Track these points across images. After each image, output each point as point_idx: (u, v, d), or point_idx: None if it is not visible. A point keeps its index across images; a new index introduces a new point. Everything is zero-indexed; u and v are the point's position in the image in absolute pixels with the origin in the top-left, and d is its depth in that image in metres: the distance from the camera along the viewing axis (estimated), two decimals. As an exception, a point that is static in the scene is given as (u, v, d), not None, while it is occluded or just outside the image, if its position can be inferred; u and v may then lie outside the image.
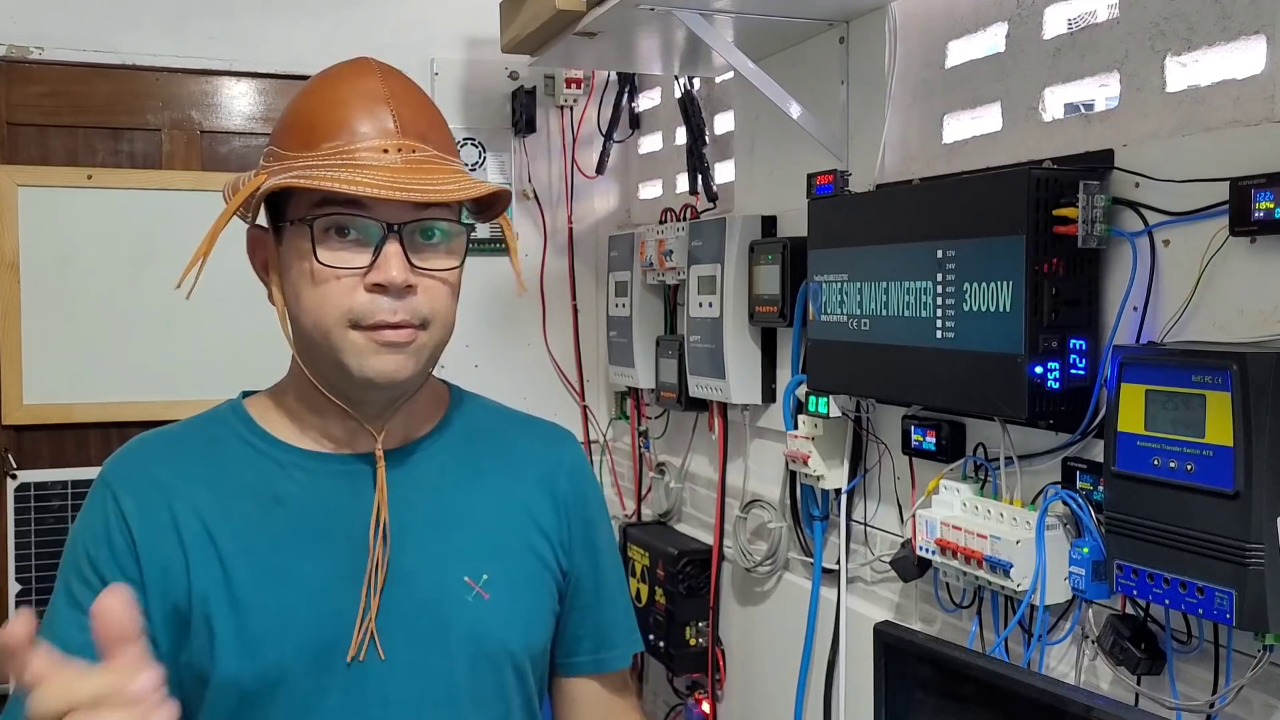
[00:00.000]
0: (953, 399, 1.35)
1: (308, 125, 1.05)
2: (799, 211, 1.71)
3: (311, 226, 1.02)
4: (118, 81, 2.42)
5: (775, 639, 1.94)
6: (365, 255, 1.02)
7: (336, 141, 1.02)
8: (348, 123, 1.03)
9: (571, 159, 2.66)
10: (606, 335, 2.51)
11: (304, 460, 1.10)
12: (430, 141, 1.05)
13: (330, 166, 1.01)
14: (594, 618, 1.24)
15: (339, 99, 1.05)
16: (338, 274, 1.02)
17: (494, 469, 1.18)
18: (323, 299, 1.02)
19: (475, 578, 1.11)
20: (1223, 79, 1.16)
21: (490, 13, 2.12)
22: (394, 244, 1.01)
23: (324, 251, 1.02)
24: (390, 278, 1.01)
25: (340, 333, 1.03)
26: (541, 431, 1.27)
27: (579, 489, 1.23)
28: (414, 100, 1.08)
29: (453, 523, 1.13)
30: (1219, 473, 1.01)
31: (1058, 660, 1.33)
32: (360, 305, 1.02)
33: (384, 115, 1.03)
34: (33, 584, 2.29)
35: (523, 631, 1.15)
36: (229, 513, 1.07)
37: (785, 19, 1.72)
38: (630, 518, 2.52)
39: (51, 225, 2.34)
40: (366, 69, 1.08)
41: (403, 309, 1.02)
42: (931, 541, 1.38)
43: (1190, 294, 1.15)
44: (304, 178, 1.00)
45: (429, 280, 1.04)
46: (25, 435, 2.35)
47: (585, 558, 1.22)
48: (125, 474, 1.09)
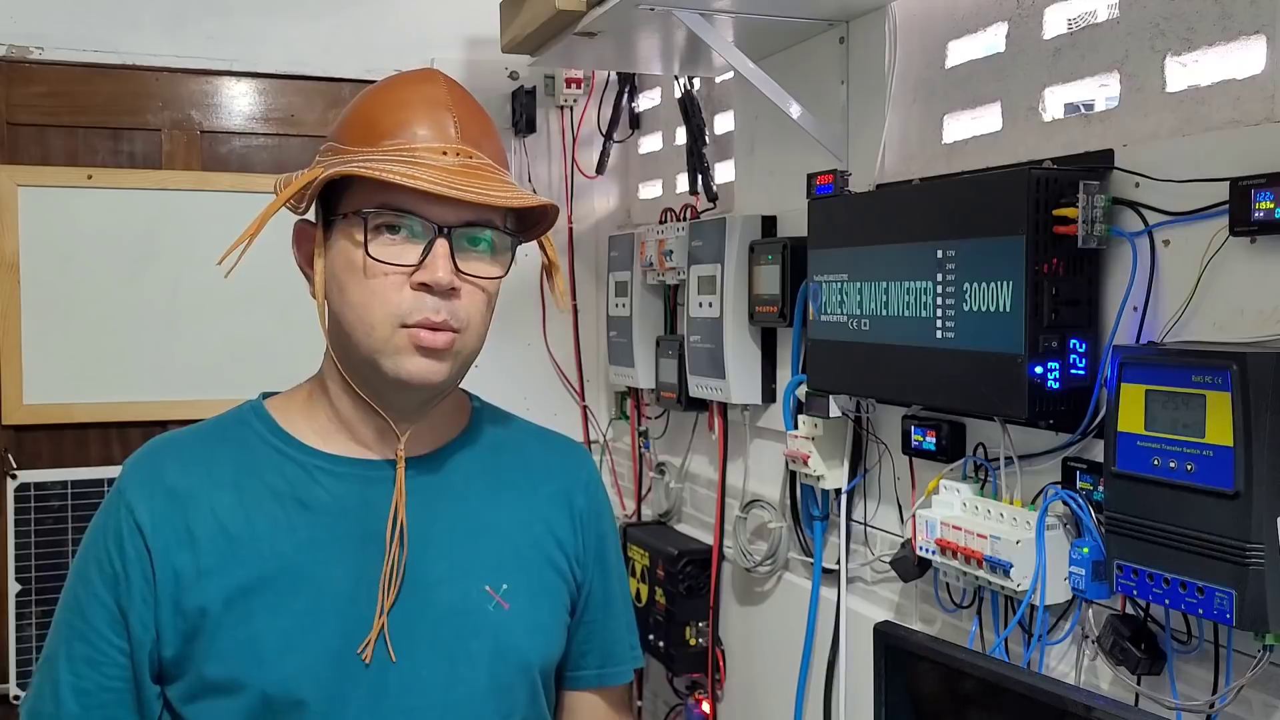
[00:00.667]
0: (953, 399, 1.35)
1: (370, 122, 1.07)
2: (799, 211, 1.71)
3: (366, 219, 1.03)
4: (118, 81, 2.42)
5: (775, 639, 1.93)
6: (414, 254, 1.03)
7: (397, 139, 1.05)
8: (410, 123, 1.06)
9: (571, 159, 2.66)
10: (606, 335, 2.51)
11: (330, 464, 1.10)
12: (485, 150, 1.08)
13: (391, 161, 1.03)
14: (601, 632, 1.25)
15: (403, 100, 1.08)
16: (385, 270, 1.03)
17: (515, 481, 1.19)
18: (370, 294, 1.04)
19: (495, 587, 1.12)
20: (1223, 79, 1.16)
21: (490, 13, 2.11)
22: (443, 245, 1.03)
23: (375, 246, 1.03)
24: (436, 278, 1.02)
25: (386, 330, 1.04)
26: (560, 446, 1.29)
27: (595, 505, 1.25)
28: (473, 110, 1.11)
29: (476, 532, 1.14)
30: (1219, 473, 1.01)
31: (1058, 660, 1.33)
32: (405, 303, 1.03)
33: (445, 120, 1.06)
34: (32, 584, 2.29)
35: (541, 642, 1.16)
36: (254, 517, 1.07)
37: (785, 19, 1.72)
38: (630, 518, 2.52)
39: (51, 225, 2.34)
40: (432, 76, 1.11)
41: (445, 309, 1.04)
42: (931, 541, 1.38)
43: (1190, 294, 1.15)
44: (365, 168, 1.02)
45: (470, 286, 1.06)
46: (25, 435, 2.35)
47: (597, 572, 1.24)
48: (139, 480, 1.09)
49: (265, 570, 1.05)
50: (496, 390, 1.40)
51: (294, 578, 1.05)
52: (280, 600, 1.04)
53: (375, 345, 1.04)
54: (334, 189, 1.07)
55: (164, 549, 1.05)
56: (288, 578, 1.05)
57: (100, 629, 1.04)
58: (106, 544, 1.06)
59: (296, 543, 1.06)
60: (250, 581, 1.04)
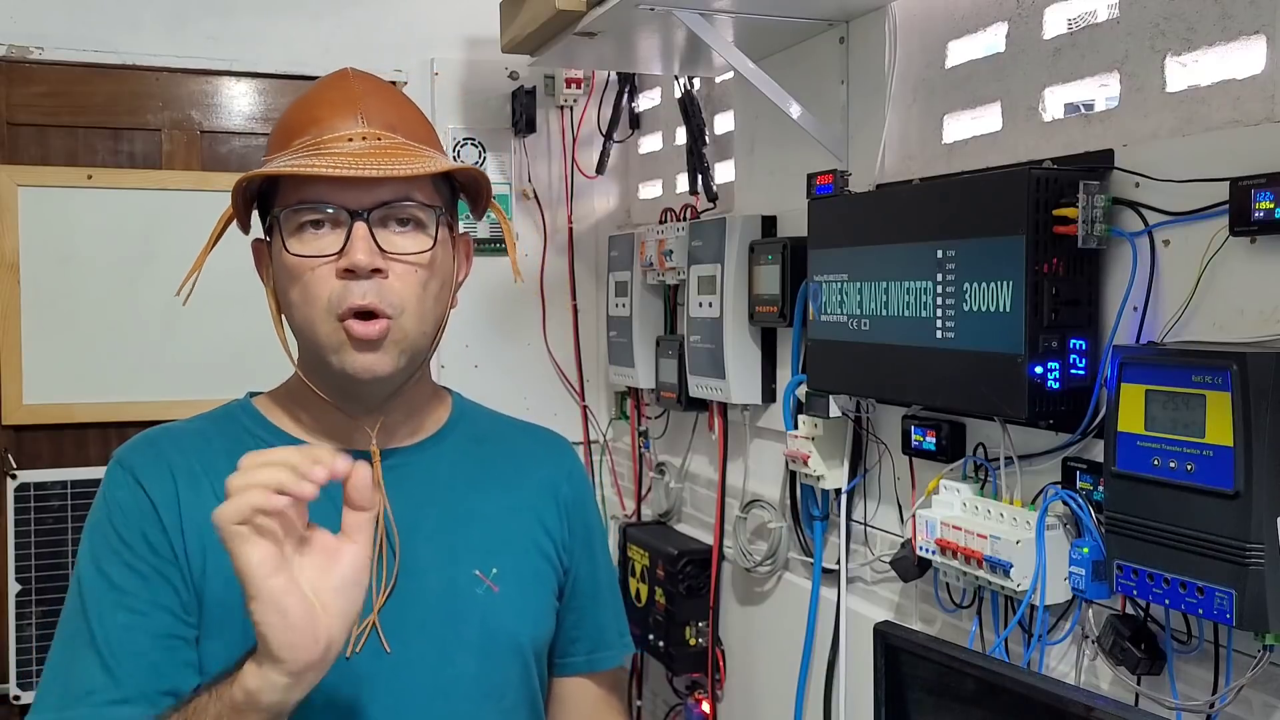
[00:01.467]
0: (953, 399, 1.35)
1: (284, 127, 1.10)
2: (799, 211, 1.71)
3: (279, 220, 1.05)
4: (118, 81, 2.42)
5: (775, 639, 1.93)
6: (337, 243, 1.04)
7: (305, 137, 1.06)
8: (317, 119, 1.07)
9: (571, 159, 2.66)
10: (606, 335, 2.51)
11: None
12: (401, 131, 1.08)
13: (297, 157, 1.04)
14: (590, 619, 1.27)
15: (311, 100, 1.10)
16: (310, 264, 1.04)
17: (500, 471, 1.21)
18: (302, 290, 1.05)
19: (485, 571, 1.13)
20: (1223, 79, 1.16)
21: (490, 13, 2.12)
22: (361, 228, 1.03)
23: (295, 243, 1.05)
24: (355, 260, 1.02)
25: (325, 326, 1.05)
26: (543, 438, 1.31)
27: (579, 494, 1.27)
28: (385, 96, 1.12)
29: (463, 519, 1.15)
30: (1219, 473, 1.01)
31: (1058, 660, 1.33)
32: (335, 292, 1.03)
33: (351, 109, 1.07)
34: (32, 584, 2.29)
35: (531, 624, 1.18)
36: None
37: (785, 19, 1.72)
38: (630, 518, 2.52)
39: (51, 225, 2.34)
40: (340, 74, 1.13)
41: (372, 292, 1.04)
42: (931, 541, 1.38)
43: (1190, 294, 1.15)
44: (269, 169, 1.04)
45: (400, 266, 1.06)
46: (25, 435, 2.35)
47: (584, 559, 1.26)
48: (144, 461, 1.09)
49: None
50: (496, 390, 1.41)
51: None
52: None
53: (320, 342, 1.05)
54: (269, 202, 1.09)
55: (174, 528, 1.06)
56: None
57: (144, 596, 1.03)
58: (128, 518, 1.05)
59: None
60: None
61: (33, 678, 2.28)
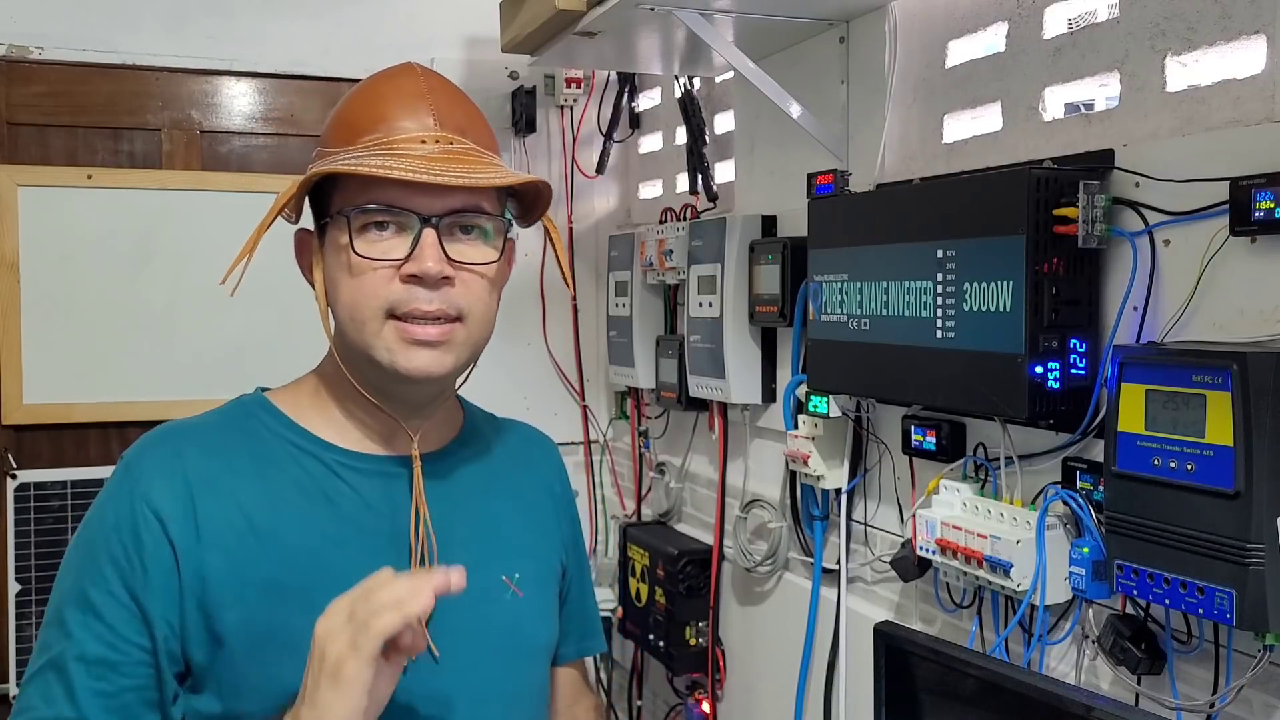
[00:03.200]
0: (953, 399, 1.35)
1: (349, 122, 1.07)
2: (799, 211, 1.71)
3: (349, 218, 1.03)
4: (118, 81, 2.42)
5: (775, 639, 1.93)
6: (402, 247, 1.02)
7: (375, 134, 1.04)
8: (386, 117, 1.05)
9: (571, 159, 2.66)
10: (606, 335, 2.51)
11: (352, 460, 1.10)
12: (469, 136, 1.07)
13: (369, 156, 1.02)
14: (579, 609, 1.30)
15: (379, 96, 1.07)
16: (374, 265, 1.02)
17: (508, 474, 1.22)
18: (358, 290, 1.03)
19: (510, 576, 1.14)
20: (1223, 79, 1.16)
21: (490, 13, 2.11)
22: (431, 234, 1.02)
23: (361, 243, 1.03)
24: (425, 268, 1.01)
25: (375, 324, 1.03)
26: (533, 437, 1.32)
27: (567, 490, 1.31)
28: (454, 96, 1.10)
29: (488, 524, 1.15)
30: (1219, 473, 1.01)
31: (1058, 660, 1.33)
32: (396, 295, 1.02)
33: (422, 110, 1.05)
34: (32, 584, 2.29)
35: (548, 626, 1.20)
36: (280, 509, 1.05)
37: (785, 19, 1.72)
38: (630, 518, 2.52)
39: (51, 225, 2.34)
40: (408, 69, 1.11)
41: (438, 299, 1.03)
42: (931, 541, 1.38)
43: (1190, 294, 1.15)
44: (342, 165, 1.01)
45: (467, 274, 1.05)
46: (25, 435, 2.35)
47: (573, 553, 1.28)
48: (155, 468, 1.03)
49: (295, 564, 1.03)
50: (496, 390, 1.41)
51: (324, 572, 1.02)
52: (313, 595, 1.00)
53: (366, 340, 1.03)
54: (327, 193, 1.06)
55: (187, 542, 1.00)
56: (318, 572, 1.03)
57: (119, 628, 0.99)
58: (121, 538, 1.00)
59: (324, 537, 1.05)
60: (280, 575, 1.02)
61: (33, 678, 2.28)
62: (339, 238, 1.04)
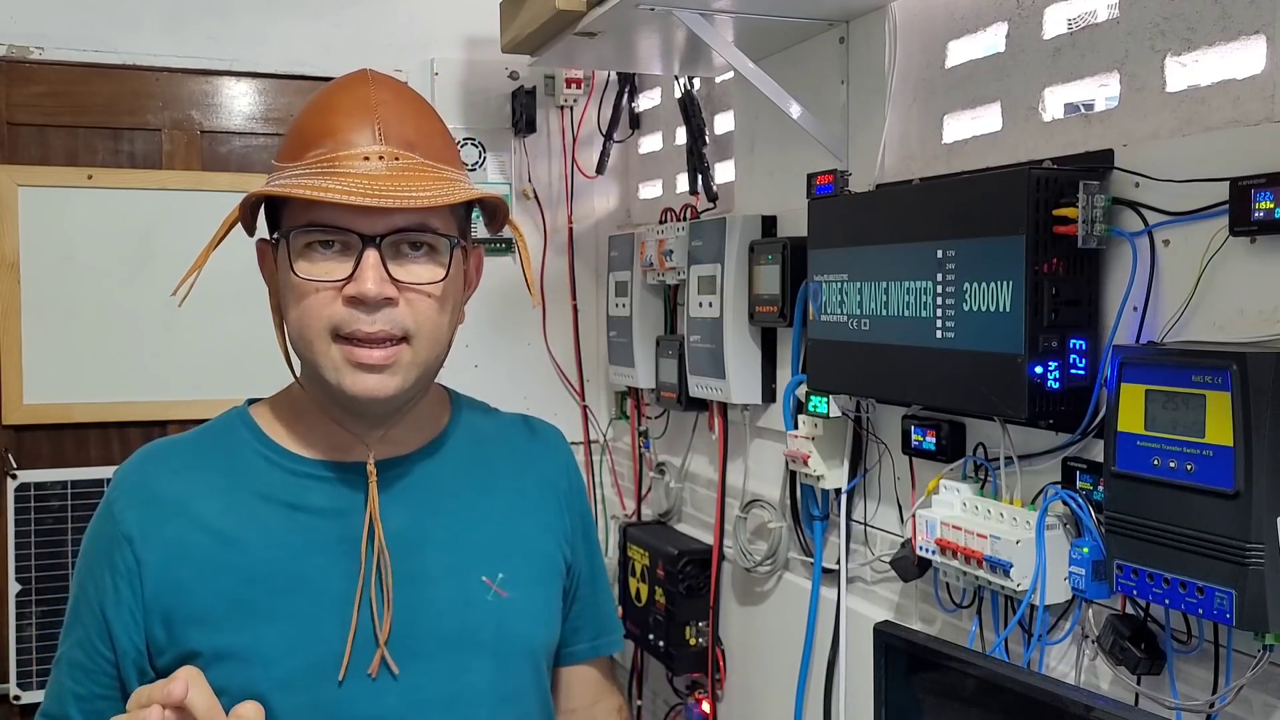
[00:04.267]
0: (953, 399, 1.35)
1: (297, 135, 1.05)
2: (799, 211, 1.71)
3: (288, 240, 1.02)
4: (118, 81, 2.42)
5: (775, 639, 1.94)
6: (345, 267, 1.01)
7: (320, 150, 1.02)
8: (332, 131, 1.02)
9: (571, 159, 2.66)
10: (606, 335, 2.51)
11: (316, 469, 1.10)
12: (419, 149, 1.03)
13: (311, 174, 1.00)
14: (591, 607, 1.28)
15: (328, 107, 1.05)
16: (316, 286, 1.01)
17: (503, 470, 1.20)
18: (303, 311, 1.02)
19: (492, 577, 1.12)
20: (1223, 79, 1.16)
21: (490, 13, 2.12)
22: (372, 255, 1.00)
23: (303, 264, 1.02)
24: (364, 290, 0.99)
25: (322, 345, 1.02)
26: (539, 431, 1.30)
27: (575, 485, 1.28)
28: (403, 108, 1.06)
29: (470, 525, 1.14)
30: (1219, 473, 1.01)
31: (1058, 660, 1.33)
32: (339, 316, 1.01)
33: (368, 123, 1.02)
34: (32, 584, 2.29)
35: (542, 627, 1.18)
36: (245, 522, 1.06)
37: (785, 19, 1.72)
38: (630, 518, 2.52)
39: (51, 225, 2.34)
40: (359, 78, 1.07)
41: (381, 320, 1.01)
42: (931, 541, 1.38)
43: (1190, 294, 1.15)
44: (282, 186, 1.00)
45: (412, 293, 1.02)
46: (25, 435, 2.35)
47: (583, 550, 1.26)
48: (127, 491, 1.08)
49: (260, 574, 1.04)
50: (496, 390, 1.40)
51: (289, 580, 1.04)
52: (278, 602, 1.04)
53: (315, 359, 1.04)
54: (277, 208, 1.07)
55: (154, 560, 1.04)
56: (284, 580, 1.04)
57: (91, 638, 1.05)
58: (97, 555, 1.06)
59: (290, 546, 1.06)
60: (246, 586, 1.04)
61: (33, 677, 2.28)
62: (287, 255, 1.03)
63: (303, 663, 1.03)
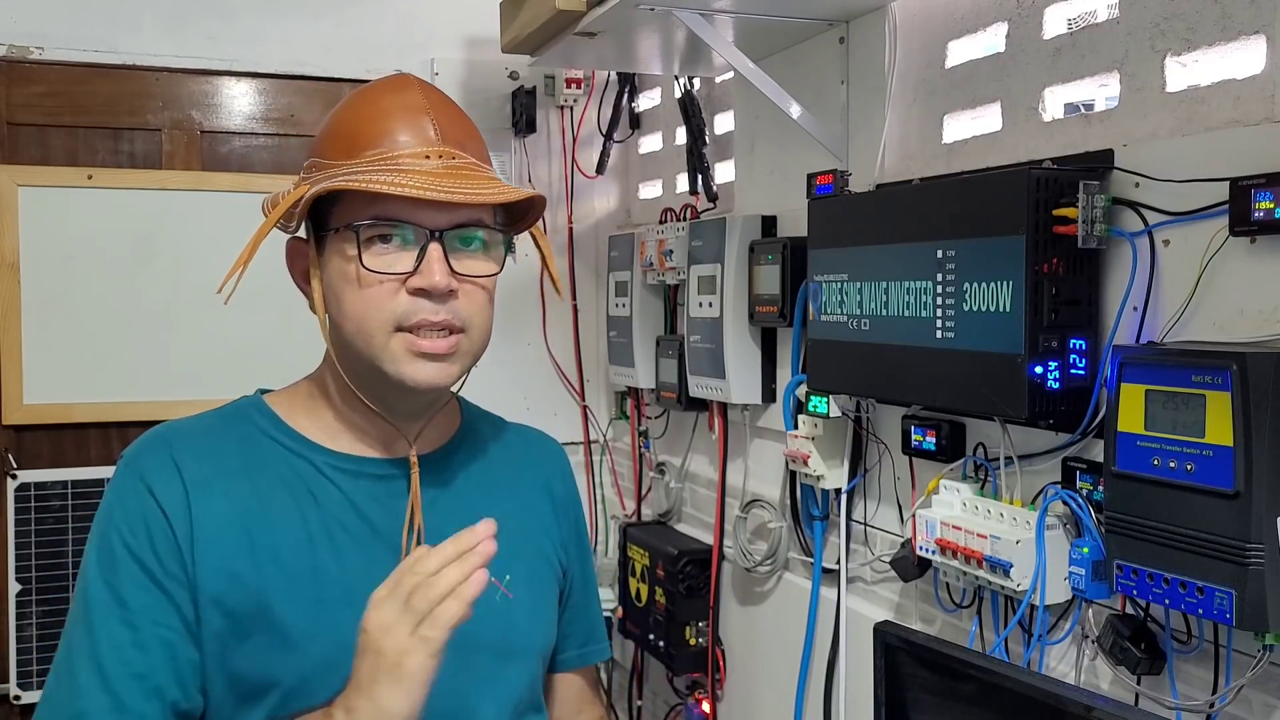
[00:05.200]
0: (953, 399, 1.35)
1: (350, 135, 1.08)
2: (799, 211, 1.71)
3: (358, 231, 1.04)
4: (118, 81, 2.42)
5: (775, 639, 1.94)
6: (407, 260, 1.04)
7: (379, 149, 1.05)
8: (390, 132, 1.06)
9: (571, 159, 2.66)
10: (606, 335, 2.51)
11: (341, 463, 1.11)
12: (469, 150, 1.09)
13: (374, 171, 1.03)
14: (582, 614, 1.30)
15: (381, 110, 1.08)
16: (380, 278, 1.04)
17: (504, 476, 1.23)
18: (366, 303, 1.05)
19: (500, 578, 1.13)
20: (1223, 79, 1.16)
21: (490, 13, 2.12)
22: (437, 249, 1.04)
23: (369, 257, 1.04)
24: (434, 282, 1.03)
25: (383, 337, 1.05)
26: (535, 438, 1.32)
27: (570, 492, 1.30)
28: (452, 111, 1.11)
29: None
30: (1219, 473, 1.01)
31: (1058, 660, 1.33)
32: (403, 308, 1.04)
33: (425, 124, 1.07)
34: (33, 584, 2.29)
35: (542, 630, 1.20)
36: (268, 507, 1.07)
37: (785, 19, 1.72)
38: (630, 518, 2.52)
39: (51, 225, 2.34)
40: (406, 83, 1.12)
41: (445, 311, 1.05)
42: (931, 541, 1.38)
43: (1190, 294, 1.15)
44: (352, 181, 1.02)
45: (469, 285, 1.07)
46: (25, 435, 2.35)
47: (577, 556, 1.28)
48: (155, 465, 1.07)
49: (282, 560, 1.05)
50: (496, 390, 1.41)
51: (311, 569, 1.06)
52: (299, 589, 1.05)
53: (374, 352, 1.05)
54: (322, 204, 1.08)
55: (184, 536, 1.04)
56: (305, 568, 1.06)
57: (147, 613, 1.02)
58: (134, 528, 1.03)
59: (311, 535, 1.07)
60: (268, 571, 1.04)
61: (33, 677, 2.28)
62: (345, 249, 1.05)
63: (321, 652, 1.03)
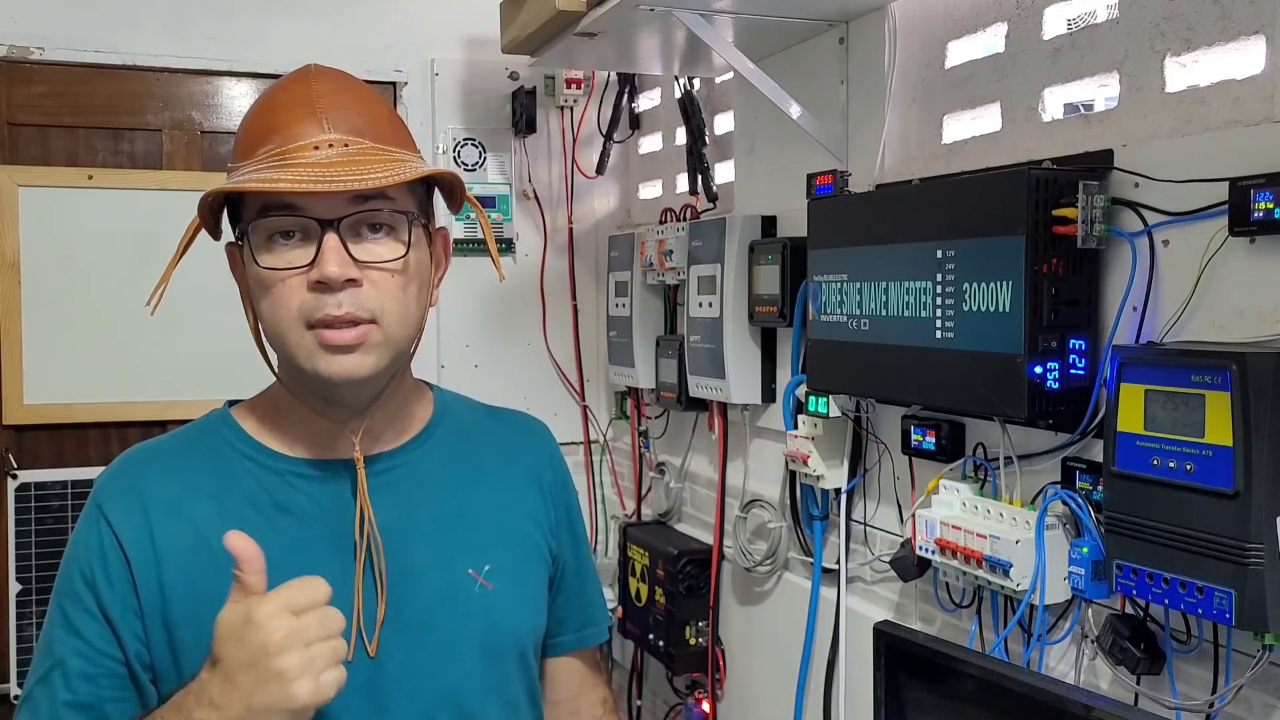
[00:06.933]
0: (953, 399, 1.35)
1: (246, 134, 1.07)
2: (799, 211, 1.71)
3: (248, 234, 1.04)
4: (118, 81, 2.42)
5: (775, 639, 1.94)
6: (308, 254, 1.02)
7: (269, 145, 1.03)
8: (278, 126, 1.04)
9: (572, 159, 2.66)
10: (606, 335, 2.51)
11: (300, 467, 1.11)
12: (367, 134, 1.05)
13: (262, 169, 1.02)
14: (578, 598, 1.28)
15: (271, 104, 1.07)
16: (281, 275, 1.02)
17: (487, 463, 1.21)
18: (273, 302, 1.03)
19: (478, 569, 1.13)
20: (1222, 79, 1.16)
21: (490, 13, 2.12)
22: (332, 239, 1.01)
23: (266, 256, 1.03)
24: (326, 273, 1.00)
25: (295, 334, 1.03)
26: (522, 424, 1.31)
27: (560, 477, 1.28)
28: (347, 97, 1.08)
29: (456, 518, 1.15)
30: (1219, 473, 1.01)
31: (1057, 660, 1.33)
32: (307, 304, 1.02)
33: (312, 113, 1.04)
34: (33, 584, 2.29)
35: (528, 618, 1.19)
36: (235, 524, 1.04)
37: (785, 19, 1.72)
38: (630, 518, 2.52)
39: (51, 225, 2.34)
40: (301, 74, 1.09)
41: (347, 302, 1.02)
42: (931, 541, 1.38)
43: (1190, 294, 1.15)
44: (235, 183, 1.02)
45: (375, 273, 1.04)
46: (25, 435, 2.35)
47: (568, 541, 1.27)
48: (116, 493, 1.08)
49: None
50: (497, 390, 1.41)
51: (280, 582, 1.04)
52: None
53: (290, 351, 1.04)
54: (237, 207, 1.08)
55: (145, 563, 1.04)
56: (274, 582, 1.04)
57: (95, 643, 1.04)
58: (90, 558, 1.06)
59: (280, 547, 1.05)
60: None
61: (33, 678, 2.28)
62: (250, 251, 1.04)
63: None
